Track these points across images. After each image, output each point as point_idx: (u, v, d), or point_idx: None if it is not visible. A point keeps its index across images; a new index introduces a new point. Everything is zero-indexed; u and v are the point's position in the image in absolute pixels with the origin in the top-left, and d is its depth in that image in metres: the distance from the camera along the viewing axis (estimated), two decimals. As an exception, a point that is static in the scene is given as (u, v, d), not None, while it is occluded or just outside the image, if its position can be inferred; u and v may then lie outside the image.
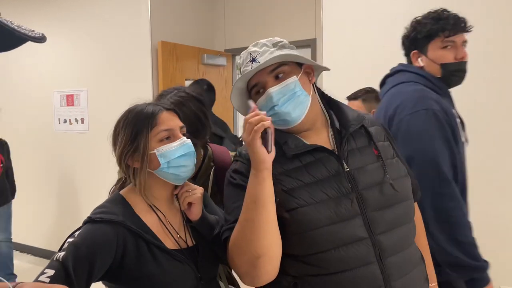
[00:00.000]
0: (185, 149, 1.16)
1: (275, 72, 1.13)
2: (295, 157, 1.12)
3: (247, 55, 1.15)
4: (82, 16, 4.13)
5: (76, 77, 4.23)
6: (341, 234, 1.05)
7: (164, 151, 1.13)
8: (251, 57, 1.14)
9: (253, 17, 4.33)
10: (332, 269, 1.05)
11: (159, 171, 1.14)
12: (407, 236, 1.14)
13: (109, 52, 3.99)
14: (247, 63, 1.14)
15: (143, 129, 1.13)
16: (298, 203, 1.06)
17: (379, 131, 1.23)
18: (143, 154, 1.12)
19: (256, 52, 1.14)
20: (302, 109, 1.13)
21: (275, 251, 1.04)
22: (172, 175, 1.15)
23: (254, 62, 1.13)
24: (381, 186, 1.11)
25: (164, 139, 1.14)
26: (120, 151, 1.15)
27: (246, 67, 1.14)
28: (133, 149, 1.13)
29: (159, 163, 1.13)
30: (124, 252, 1.08)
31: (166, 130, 1.15)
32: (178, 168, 1.15)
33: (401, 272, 1.08)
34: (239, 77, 1.15)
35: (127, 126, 1.15)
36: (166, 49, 3.82)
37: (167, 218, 1.19)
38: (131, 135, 1.14)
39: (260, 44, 1.16)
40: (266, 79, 1.13)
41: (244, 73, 1.14)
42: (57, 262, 1.01)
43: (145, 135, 1.13)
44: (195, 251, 1.19)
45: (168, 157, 1.13)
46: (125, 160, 1.15)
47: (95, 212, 1.12)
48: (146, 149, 1.12)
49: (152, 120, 1.14)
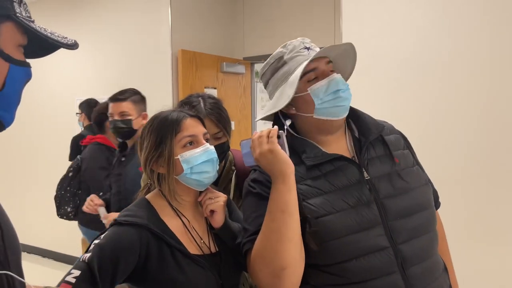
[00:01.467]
0: (208, 155, 1.17)
1: (330, 66, 1.16)
2: (314, 167, 1.11)
3: (299, 43, 1.17)
4: (103, 24, 4.22)
5: (97, 84, 4.31)
6: (362, 244, 1.03)
7: (187, 157, 1.15)
8: (304, 45, 1.16)
9: (271, 25, 4.35)
10: (354, 279, 1.03)
11: (182, 176, 1.16)
12: (430, 245, 1.12)
13: (130, 60, 4.06)
14: (300, 49, 1.15)
15: (167, 135, 1.15)
16: (319, 212, 1.05)
17: (398, 139, 1.22)
18: (168, 159, 1.14)
19: (308, 42, 1.17)
20: (349, 103, 1.16)
21: (300, 262, 1.03)
22: (194, 181, 1.17)
23: (310, 50, 1.15)
24: (402, 195, 1.09)
25: (187, 144, 1.16)
26: (145, 157, 1.18)
27: (299, 53, 1.15)
28: (157, 154, 1.15)
29: (182, 168, 1.15)
30: (148, 255, 1.09)
31: (190, 136, 1.16)
32: (201, 174, 1.16)
33: (424, 282, 1.06)
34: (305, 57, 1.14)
35: (152, 132, 1.18)
36: (186, 58, 3.87)
37: (191, 224, 1.20)
38: (156, 141, 1.16)
39: (307, 40, 1.19)
40: (325, 68, 1.15)
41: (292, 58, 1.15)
42: (83, 263, 1.04)
43: (169, 141, 1.15)
44: (218, 257, 1.19)
45: (191, 163, 1.15)
46: (150, 165, 1.17)
47: (121, 215, 1.15)
48: (171, 154, 1.14)
49: (176, 126, 1.16)
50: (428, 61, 2.47)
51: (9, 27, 0.72)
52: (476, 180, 2.36)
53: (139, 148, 1.22)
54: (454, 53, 2.40)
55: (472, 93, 2.36)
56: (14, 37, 0.73)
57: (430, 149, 2.42)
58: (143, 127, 1.23)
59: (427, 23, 2.48)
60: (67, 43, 0.78)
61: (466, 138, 2.38)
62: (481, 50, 2.32)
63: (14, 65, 0.72)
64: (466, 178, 2.38)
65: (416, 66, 2.51)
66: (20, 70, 0.74)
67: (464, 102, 2.38)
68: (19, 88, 0.75)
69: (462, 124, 2.39)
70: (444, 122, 2.44)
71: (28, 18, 0.75)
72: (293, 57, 1.15)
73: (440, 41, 2.43)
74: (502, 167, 2.30)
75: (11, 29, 0.72)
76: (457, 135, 2.41)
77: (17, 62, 0.73)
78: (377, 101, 2.59)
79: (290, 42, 1.17)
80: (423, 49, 2.48)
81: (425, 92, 2.49)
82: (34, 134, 4.84)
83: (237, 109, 4.40)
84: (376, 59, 2.62)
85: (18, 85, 0.74)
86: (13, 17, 0.71)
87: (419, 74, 2.50)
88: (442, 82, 2.44)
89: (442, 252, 1.28)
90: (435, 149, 2.44)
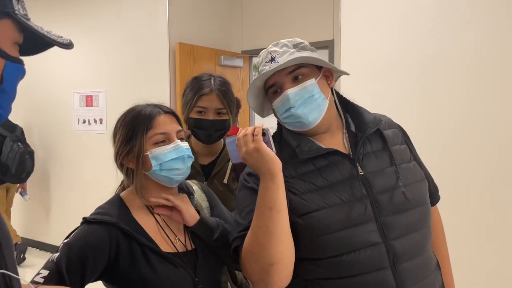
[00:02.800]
0: (179, 152, 1.16)
1: (293, 74, 1.12)
2: (308, 161, 1.10)
3: (266, 54, 1.14)
4: (100, 18, 4.19)
5: (95, 78, 4.29)
6: (353, 239, 1.03)
7: (156, 154, 1.14)
8: (270, 56, 1.13)
9: (270, 18, 4.33)
10: (344, 273, 1.03)
11: (152, 173, 1.15)
12: (423, 242, 1.11)
13: (127, 54, 4.04)
14: (266, 62, 1.13)
15: (138, 130, 1.14)
16: (311, 207, 1.05)
17: (396, 134, 1.20)
18: (138, 155, 1.14)
19: (276, 52, 1.13)
20: (318, 112, 1.11)
21: (289, 257, 1.03)
22: (164, 177, 1.16)
23: (273, 62, 1.11)
24: (395, 191, 1.08)
25: (159, 142, 1.15)
26: (116, 150, 1.18)
27: (264, 66, 1.13)
28: (128, 149, 1.15)
29: (151, 165, 1.14)
30: (118, 253, 1.08)
31: (162, 134, 1.15)
32: (171, 171, 1.15)
33: (415, 278, 1.05)
34: (257, 76, 1.14)
35: (124, 126, 1.17)
36: (184, 51, 3.85)
37: (166, 221, 1.19)
38: (126, 135, 1.15)
39: (281, 44, 1.14)
40: (284, 80, 1.12)
41: (262, 72, 1.12)
42: (52, 263, 1.04)
43: (140, 137, 1.14)
44: (193, 255, 1.18)
45: (161, 160, 1.14)
46: (120, 159, 1.18)
47: (91, 213, 1.14)
48: (141, 150, 1.14)
49: (148, 123, 1.15)
50: (429, 57, 2.46)
51: (7, 24, 0.72)
52: (476, 179, 2.36)
53: (112, 140, 1.22)
54: (456, 50, 2.39)
55: (471, 92, 2.35)
56: (12, 35, 0.73)
57: (429, 147, 2.42)
58: (117, 120, 1.23)
59: (428, 18, 2.46)
60: (63, 42, 0.79)
61: (466, 137, 2.38)
62: (482, 48, 2.31)
63: (10, 62, 0.73)
64: (466, 177, 2.38)
65: (417, 62, 2.50)
66: (15, 67, 0.75)
67: (463, 101, 2.38)
68: (14, 84, 0.76)
69: (462, 122, 2.38)
70: (444, 120, 2.44)
71: (25, 16, 0.75)
72: (261, 70, 1.14)
73: (442, 37, 2.42)
74: (503, 166, 2.29)
75: (9, 26, 0.72)
76: (456, 134, 2.40)
77: (13, 59, 0.73)
78: (375, 97, 2.58)
79: (262, 52, 1.16)
80: (424, 45, 2.47)
81: (425, 90, 2.48)
82: (32, 128, 4.82)
83: (235, 102, 4.39)
84: (376, 53, 2.61)
85: (13, 82, 0.75)
86: (11, 15, 0.72)
87: (419, 70, 2.49)
88: (443, 80, 2.43)
89: (439, 248, 1.28)
90: (434, 147, 2.44)
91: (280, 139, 1.18)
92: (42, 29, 0.77)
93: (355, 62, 2.67)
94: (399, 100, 2.54)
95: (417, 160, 1.21)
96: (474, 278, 2.29)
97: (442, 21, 2.41)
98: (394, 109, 2.47)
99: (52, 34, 0.78)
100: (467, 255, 2.31)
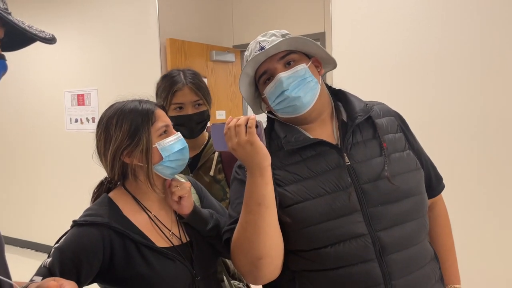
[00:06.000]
0: (182, 143, 1.18)
1: (285, 59, 1.11)
2: (295, 152, 1.09)
3: (255, 45, 1.13)
4: (90, 15, 4.15)
5: (86, 76, 4.25)
6: (338, 231, 1.01)
7: (164, 145, 1.14)
8: (260, 46, 1.12)
9: (260, 12, 4.31)
10: (329, 265, 1.02)
11: (159, 165, 1.14)
12: (415, 233, 1.07)
13: (118, 51, 4.01)
14: (255, 52, 1.12)
15: (143, 124, 1.12)
16: (294, 199, 1.04)
17: (392, 122, 1.18)
18: (146, 148, 1.12)
19: (265, 41, 1.12)
20: (312, 95, 1.10)
21: (277, 251, 1.03)
22: (170, 169, 1.16)
23: (263, 50, 1.10)
24: (383, 181, 1.06)
25: (162, 134, 1.16)
26: (116, 148, 1.12)
27: (254, 56, 1.11)
28: (133, 144, 1.11)
29: (160, 157, 1.13)
30: (112, 253, 1.07)
31: (164, 126, 1.16)
32: (176, 161, 1.16)
33: (404, 270, 1.03)
34: (246, 63, 1.12)
35: (124, 121, 1.12)
36: (175, 46, 3.82)
37: (158, 217, 1.18)
38: (129, 130, 1.12)
39: (269, 34, 1.14)
40: (276, 66, 1.11)
41: (252, 60, 1.11)
42: (44, 269, 1.02)
43: (146, 130, 1.12)
44: (189, 247, 1.18)
45: (169, 151, 1.14)
46: (121, 157, 1.13)
47: (81, 216, 1.11)
48: (149, 144, 1.12)
49: (151, 116, 1.14)
50: (421, 50, 2.46)
51: None
52: (476, 179, 2.37)
53: (102, 140, 1.15)
54: (447, 43, 2.39)
55: (471, 91, 2.36)
56: None
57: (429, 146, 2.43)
58: (105, 118, 1.15)
59: (419, 11, 2.46)
60: (45, 37, 0.77)
61: (463, 136, 2.39)
62: (483, 47, 2.32)
63: None
64: (466, 176, 2.39)
65: (407, 55, 2.50)
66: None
67: (463, 99, 2.38)
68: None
69: (461, 121, 2.39)
70: (434, 114, 2.45)
71: (5, 10, 0.72)
72: (251, 60, 1.11)
73: (433, 30, 2.42)
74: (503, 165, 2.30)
75: None
76: (455, 133, 2.41)
77: None
78: (365, 89, 2.58)
79: (251, 43, 1.15)
80: (415, 38, 2.47)
81: (416, 83, 2.49)
82: (23, 129, 4.78)
83: (227, 98, 4.38)
84: (367, 45, 2.61)
85: None
86: None
87: (410, 63, 2.49)
88: (434, 73, 2.44)
89: (442, 240, 1.25)
90: (433, 146, 2.45)
91: (271, 131, 1.17)
92: (23, 24, 0.74)
93: (347, 54, 2.67)
94: (390, 93, 2.54)
95: (415, 149, 1.18)
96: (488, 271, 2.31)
97: (434, 14, 2.41)
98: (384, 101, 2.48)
99: (34, 29, 0.76)
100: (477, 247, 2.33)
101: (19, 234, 4.74)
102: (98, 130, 1.17)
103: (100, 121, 1.17)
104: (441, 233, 1.27)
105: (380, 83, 2.59)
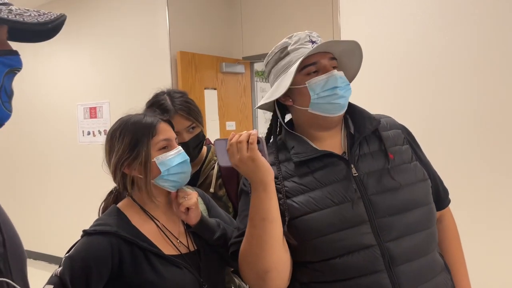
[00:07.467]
0: (182, 156, 1.20)
1: (332, 62, 1.14)
2: (303, 163, 1.10)
3: (305, 36, 1.15)
4: (101, 29, 4.22)
5: (98, 89, 4.31)
6: (346, 242, 1.01)
7: (163, 160, 1.16)
8: (309, 38, 1.14)
9: (270, 24, 4.34)
10: (338, 276, 1.02)
11: (159, 179, 1.17)
12: (424, 244, 1.07)
13: (129, 64, 4.06)
14: (305, 42, 1.14)
15: (143, 138, 1.15)
16: (302, 210, 1.04)
17: (398, 135, 1.19)
18: (145, 162, 1.15)
19: (315, 36, 1.16)
20: (347, 101, 1.15)
21: (284, 264, 1.03)
22: (171, 182, 1.18)
23: (315, 44, 1.13)
24: (391, 192, 1.06)
25: (162, 148, 1.17)
26: (117, 159, 1.16)
27: (303, 46, 1.13)
28: (132, 156, 1.15)
29: (159, 171, 1.16)
30: (121, 261, 1.09)
31: (165, 140, 1.18)
32: (177, 175, 1.18)
33: (415, 281, 1.02)
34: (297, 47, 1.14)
35: (125, 134, 1.17)
36: (185, 59, 3.87)
37: (165, 226, 1.20)
38: (130, 143, 1.16)
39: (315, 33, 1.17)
40: (327, 63, 1.13)
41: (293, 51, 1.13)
42: (56, 277, 1.04)
43: (146, 143, 1.15)
44: (197, 256, 1.19)
45: (168, 165, 1.16)
46: (122, 168, 1.16)
47: (91, 226, 1.14)
48: (148, 157, 1.15)
49: (152, 130, 1.16)
50: (428, 55, 2.46)
51: None
52: (476, 178, 2.35)
53: (106, 151, 1.20)
54: (455, 47, 2.39)
55: (471, 90, 2.35)
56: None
57: (428, 145, 2.41)
58: (111, 131, 1.21)
59: (426, 17, 2.46)
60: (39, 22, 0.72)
61: (464, 136, 2.37)
62: (484, 47, 2.31)
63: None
64: (466, 176, 2.37)
65: (415, 61, 2.50)
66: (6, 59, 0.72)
67: (463, 99, 2.37)
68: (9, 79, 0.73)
69: (462, 121, 2.38)
70: (444, 119, 2.43)
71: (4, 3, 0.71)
72: (296, 49, 1.13)
73: (441, 38, 2.42)
74: (503, 165, 2.28)
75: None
76: (456, 132, 2.40)
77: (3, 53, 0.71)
78: (375, 97, 2.58)
79: (296, 34, 1.16)
80: (422, 44, 2.47)
81: (424, 89, 2.48)
82: (37, 142, 4.85)
83: (238, 109, 4.40)
84: (375, 55, 2.61)
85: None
86: None
87: (418, 70, 2.49)
88: (442, 80, 2.43)
89: (452, 253, 1.24)
90: (434, 145, 2.43)
91: (279, 141, 1.18)
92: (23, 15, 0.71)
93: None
94: (397, 99, 2.54)
95: (422, 161, 1.19)
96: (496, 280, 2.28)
97: (441, 22, 2.41)
98: (391, 108, 2.47)
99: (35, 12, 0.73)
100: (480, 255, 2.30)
101: (33, 246, 4.78)
102: (105, 141, 1.22)
103: (108, 133, 1.22)
104: (450, 246, 1.26)
105: (388, 89, 2.58)
